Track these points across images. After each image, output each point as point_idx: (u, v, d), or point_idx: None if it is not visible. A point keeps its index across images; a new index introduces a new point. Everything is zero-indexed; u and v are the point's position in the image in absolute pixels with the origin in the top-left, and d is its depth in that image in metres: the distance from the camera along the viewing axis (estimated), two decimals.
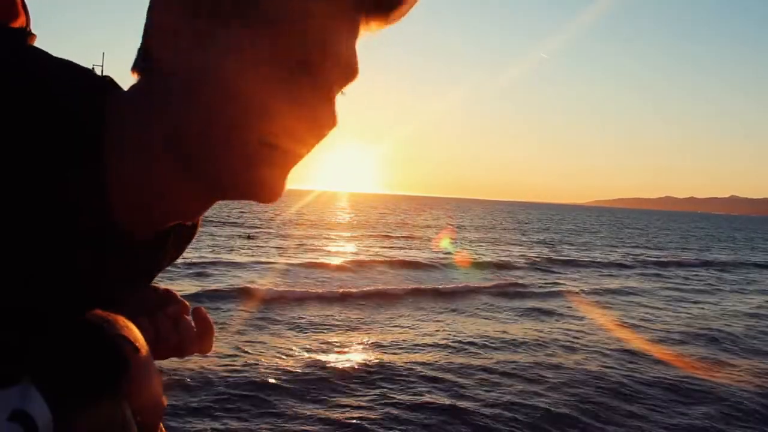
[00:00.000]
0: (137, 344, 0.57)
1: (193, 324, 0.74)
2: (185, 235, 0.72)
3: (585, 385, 7.55)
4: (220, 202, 0.63)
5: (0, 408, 0.46)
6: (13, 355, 0.48)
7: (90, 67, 0.60)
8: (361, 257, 20.79)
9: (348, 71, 0.59)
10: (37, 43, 0.69)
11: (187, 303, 0.74)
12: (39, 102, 0.52)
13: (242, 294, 12.04)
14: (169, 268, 0.74)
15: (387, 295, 13.20)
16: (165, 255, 0.68)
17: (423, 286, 14.48)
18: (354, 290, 13.32)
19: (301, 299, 11.96)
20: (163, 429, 0.64)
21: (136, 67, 0.59)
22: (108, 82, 0.60)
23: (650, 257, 27.93)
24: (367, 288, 13.72)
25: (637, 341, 10.33)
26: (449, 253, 24.15)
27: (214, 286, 12.75)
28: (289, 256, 19.67)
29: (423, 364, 8.04)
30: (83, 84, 0.56)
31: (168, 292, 0.76)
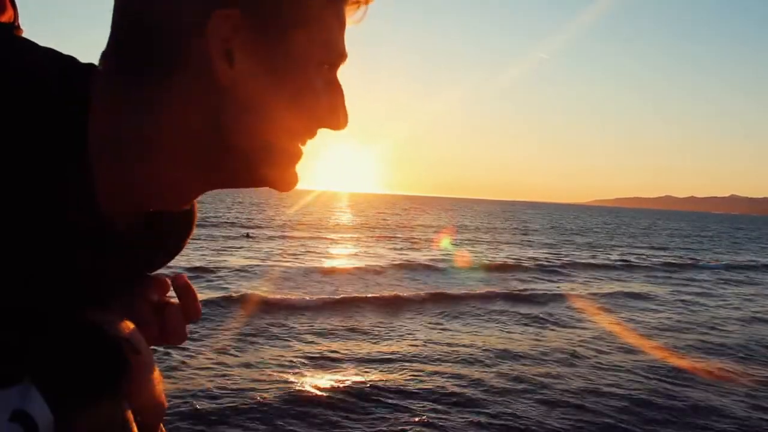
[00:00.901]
0: (138, 345, 0.57)
1: (176, 302, 0.69)
2: (182, 230, 0.70)
3: (602, 400, 7.14)
4: (220, 204, 0.63)
5: (0, 408, 0.46)
6: (13, 355, 0.48)
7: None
8: (363, 260, 20.52)
9: (331, 53, 0.60)
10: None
11: (165, 279, 0.69)
12: (30, 104, 0.51)
13: (239, 302, 11.66)
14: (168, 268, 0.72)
15: (389, 301, 12.89)
16: (161, 248, 0.68)
17: (427, 292, 14.11)
18: (355, 295, 13.04)
19: (302, 306, 11.67)
20: (164, 429, 0.64)
21: (127, 64, 0.56)
22: (92, 69, 0.58)
23: (657, 259, 27.33)
24: (368, 294, 13.41)
25: (651, 349, 9.89)
26: (451, 254, 23.79)
27: (212, 294, 12.31)
28: (289, 260, 19.41)
29: (430, 377, 7.69)
30: (70, 72, 0.55)
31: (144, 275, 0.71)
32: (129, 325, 0.58)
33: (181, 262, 16.21)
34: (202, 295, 12.37)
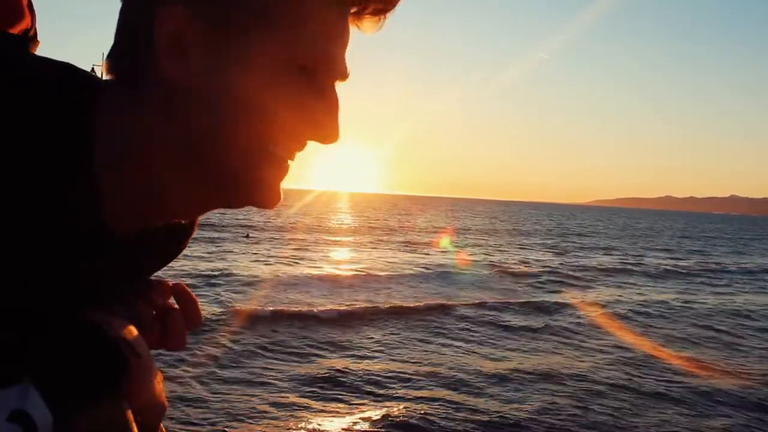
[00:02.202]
0: (137, 345, 0.57)
1: (177, 307, 0.68)
2: (182, 232, 0.69)
3: None
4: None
5: None
6: (13, 355, 0.48)
7: (90, 67, 0.60)
8: (363, 265, 20.01)
9: (340, 73, 0.59)
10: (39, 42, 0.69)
11: (168, 283, 0.69)
12: (31, 104, 0.52)
13: (239, 312, 11.19)
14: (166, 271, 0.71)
15: (392, 311, 12.35)
16: (161, 249, 0.67)
17: (430, 302, 13.51)
18: (357, 306, 12.64)
19: (303, 317, 11.30)
20: (164, 429, 0.64)
21: (120, 68, 0.57)
22: (100, 83, 0.59)
23: (668, 262, 26.71)
24: (368, 304, 12.95)
25: (681, 365, 9.11)
26: (455, 258, 23.22)
27: (211, 303, 11.85)
28: (290, 264, 19.01)
29: (438, 403, 7.17)
30: (75, 85, 0.56)
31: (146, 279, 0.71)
32: (129, 326, 0.58)
33: (181, 266, 16.09)
34: (201, 306, 12.29)
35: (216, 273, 15.98)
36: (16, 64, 0.55)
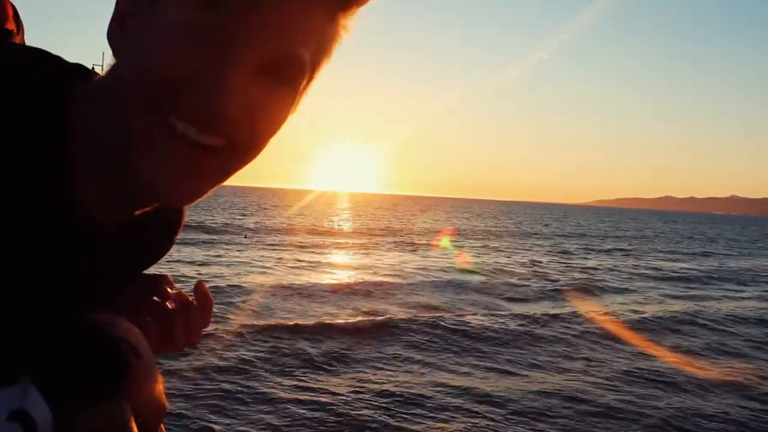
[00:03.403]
0: (138, 346, 0.57)
1: (179, 308, 0.68)
2: (169, 228, 0.69)
3: None
4: (217, 205, 0.61)
5: None
6: (13, 355, 0.48)
7: (90, 67, 0.60)
8: (364, 270, 19.62)
9: (275, 59, 0.50)
10: (37, 43, 0.69)
11: (168, 281, 0.68)
12: (24, 100, 0.51)
13: (232, 323, 10.34)
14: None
15: (390, 322, 11.28)
16: (150, 247, 0.67)
17: (434, 311, 12.57)
18: (353, 316, 12.32)
19: (299, 328, 10.71)
20: (164, 430, 0.64)
21: None
22: (78, 70, 0.57)
23: (674, 265, 25.07)
24: (370, 316, 12.38)
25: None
26: (456, 261, 22.75)
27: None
28: (290, 269, 18.69)
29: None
30: (48, 73, 0.54)
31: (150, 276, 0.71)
32: (130, 327, 0.58)
33: (179, 269, 15.91)
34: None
35: (214, 278, 15.76)
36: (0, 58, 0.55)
